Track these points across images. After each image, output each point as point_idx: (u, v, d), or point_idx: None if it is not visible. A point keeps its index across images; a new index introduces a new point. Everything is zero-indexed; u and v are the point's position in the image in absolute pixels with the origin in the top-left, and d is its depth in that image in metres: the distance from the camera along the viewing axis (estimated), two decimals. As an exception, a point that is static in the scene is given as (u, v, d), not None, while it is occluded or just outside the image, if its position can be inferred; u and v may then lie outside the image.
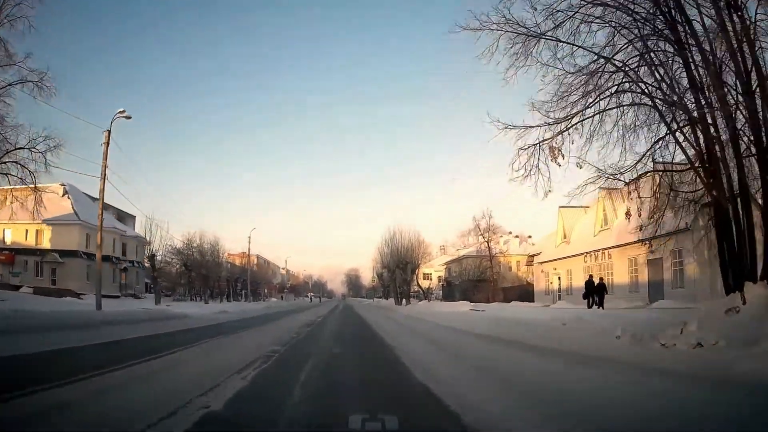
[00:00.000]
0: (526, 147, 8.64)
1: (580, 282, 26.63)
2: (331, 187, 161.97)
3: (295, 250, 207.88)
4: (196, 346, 9.07)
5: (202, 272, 41.02)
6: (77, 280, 36.88)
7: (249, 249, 45.29)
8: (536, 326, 10.83)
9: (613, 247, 23.50)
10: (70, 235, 38.70)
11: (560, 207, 30.05)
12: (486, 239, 45.84)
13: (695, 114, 7.73)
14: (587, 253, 25.57)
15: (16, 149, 16.03)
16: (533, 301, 31.88)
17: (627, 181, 8.57)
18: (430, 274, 68.34)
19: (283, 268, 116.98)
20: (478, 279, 46.79)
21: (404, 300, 36.42)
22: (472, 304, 30.26)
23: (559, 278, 28.96)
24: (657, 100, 8.13)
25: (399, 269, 35.67)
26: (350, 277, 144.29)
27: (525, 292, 35.27)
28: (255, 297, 63.87)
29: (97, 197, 48.69)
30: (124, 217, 70.42)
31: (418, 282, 46.88)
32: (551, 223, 32.46)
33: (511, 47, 8.51)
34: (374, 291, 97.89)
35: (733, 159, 7.63)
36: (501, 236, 48.24)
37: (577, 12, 8.26)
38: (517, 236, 60.06)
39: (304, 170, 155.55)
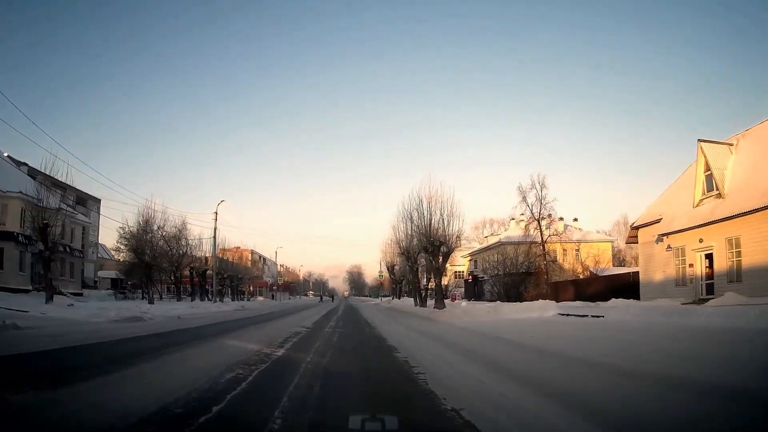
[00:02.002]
0: None
1: (762, 257, 14.89)
2: (332, 182, 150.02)
3: (295, 248, 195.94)
4: None
5: (146, 260, 29.33)
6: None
7: (215, 231, 33.42)
8: None
9: None
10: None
11: (701, 141, 18.36)
12: (537, 217, 34.19)
13: None
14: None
15: None
16: (639, 298, 20.36)
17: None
18: (445, 269, 56.47)
19: (282, 265, 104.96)
20: (526, 271, 35.10)
21: (434, 300, 24.60)
22: (555, 303, 18.72)
23: (709, 257, 17.20)
24: None
25: (427, 253, 23.90)
26: (352, 274, 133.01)
27: (618, 285, 23.52)
28: (239, 296, 52.20)
29: (36, 167, 36.89)
30: (85, 199, 59.15)
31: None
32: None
33: None
34: (379, 289, 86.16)
35: None
36: (554, 210, 35.80)
37: None
38: (561, 218, 48.33)
39: (305, 162, 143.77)
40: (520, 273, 34.89)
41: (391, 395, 4.48)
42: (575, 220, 51.34)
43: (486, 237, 46.70)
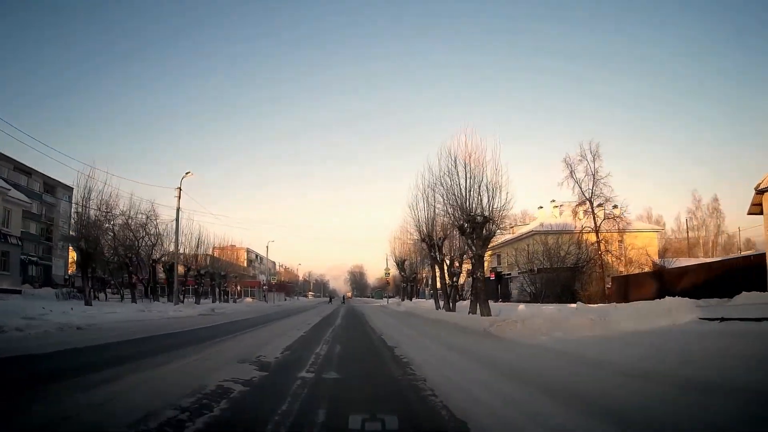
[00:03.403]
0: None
1: None
2: (333, 181, 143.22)
3: (295, 248, 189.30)
4: None
5: (82, 246, 22.46)
6: None
7: (178, 212, 25.89)
8: None
9: None
10: None
11: None
12: (589, 196, 27.28)
13: None
14: None
15: None
16: (764, 288, 13.76)
17: None
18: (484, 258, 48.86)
19: (280, 265, 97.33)
20: (574, 265, 27.94)
21: (470, 301, 17.39)
22: (690, 302, 11.65)
23: None
24: None
25: (463, 235, 16.73)
26: (354, 274, 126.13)
27: (723, 274, 16.39)
28: (222, 296, 45.02)
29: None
30: (54, 186, 52.27)
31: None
32: None
33: None
34: (384, 289, 79.15)
35: None
36: (609, 186, 28.56)
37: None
38: (600, 204, 41.26)
39: (305, 160, 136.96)
40: (565, 267, 27.78)
41: None
42: (615, 207, 44.35)
43: (512, 227, 39.64)
